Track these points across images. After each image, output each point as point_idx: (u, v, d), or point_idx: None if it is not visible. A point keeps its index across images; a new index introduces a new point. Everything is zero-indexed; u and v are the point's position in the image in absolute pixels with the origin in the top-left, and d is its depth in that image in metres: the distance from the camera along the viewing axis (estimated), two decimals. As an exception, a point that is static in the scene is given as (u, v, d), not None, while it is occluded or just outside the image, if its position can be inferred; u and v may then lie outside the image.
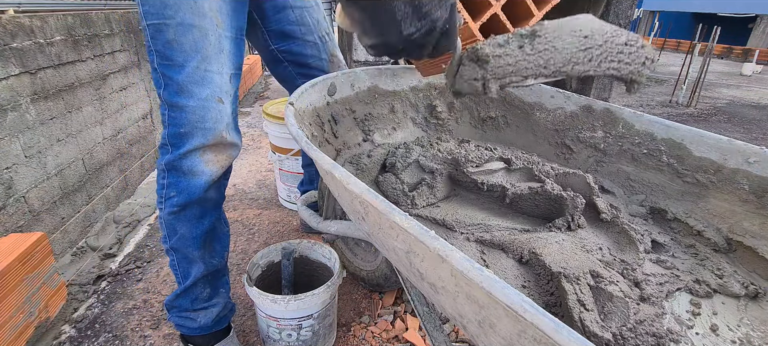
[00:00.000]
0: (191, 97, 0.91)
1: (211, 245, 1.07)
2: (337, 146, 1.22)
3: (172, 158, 0.95)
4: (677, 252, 0.97)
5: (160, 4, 0.87)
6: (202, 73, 0.91)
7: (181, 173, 0.96)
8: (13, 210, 1.40)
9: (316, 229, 1.22)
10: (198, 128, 0.93)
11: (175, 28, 0.88)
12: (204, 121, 0.93)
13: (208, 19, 0.91)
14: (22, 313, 1.19)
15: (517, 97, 1.37)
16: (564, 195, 0.99)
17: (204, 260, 1.06)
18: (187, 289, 1.07)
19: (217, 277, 1.12)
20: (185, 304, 1.09)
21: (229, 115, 0.98)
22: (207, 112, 0.93)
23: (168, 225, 1.02)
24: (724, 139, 0.97)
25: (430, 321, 0.96)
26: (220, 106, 0.95)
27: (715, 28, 4.95)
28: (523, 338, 0.45)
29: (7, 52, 1.39)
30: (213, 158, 0.97)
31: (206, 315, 1.10)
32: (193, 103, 0.91)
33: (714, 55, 9.28)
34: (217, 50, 0.93)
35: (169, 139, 0.95)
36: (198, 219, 1.01)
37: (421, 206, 1.09)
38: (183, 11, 0.87)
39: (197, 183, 0.96)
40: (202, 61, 0.91)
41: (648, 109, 5.02)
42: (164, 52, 0.90)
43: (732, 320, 0.80)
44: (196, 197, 0.98)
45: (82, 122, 1.81)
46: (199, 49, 0.90)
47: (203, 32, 0.90)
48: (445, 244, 0.52)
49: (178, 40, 0.89)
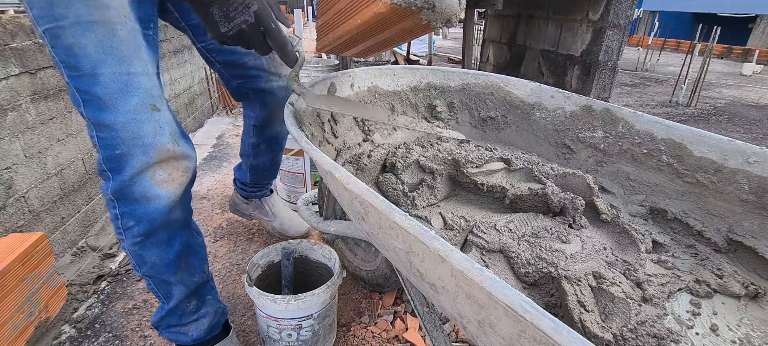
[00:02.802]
0: (117, 111, 0.76)
1: (188, 264, 0.96)
2: (337, 146, 1.22)
3: (117, 186, 0.81)
4: (677, 252, 0.97)
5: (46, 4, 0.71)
6: (124, 78, 0.76)
7: (133, 201, 0.82)
8: (13, 210, 1.41)
9: (316, 228, 1.22)
10: (135, 146, 0.78)
11: (71, 29, 0.71)
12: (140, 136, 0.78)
13: (112, 11, 0.74)
14: (22, 313, 1.19)
15: (517, 97, 1.37)
16: (563, 197, 0.99)
17: (183, 282, 0.96)
18: (171, 311, 1.00)
19: (203, 286, 1.05)
20: (173, 321, 1.02)
21: (171, 122, 0.83)
22: (141, 126, 0.77)
23: (135, 256, 0.90)
24: (724, 139, 0.97)
25: (430, 321, 0.96)
26: (157, 115, 0.80)
27: (715, 28, 4.95)
28: (523, 338, 0.45)
29: (7, 52, 1.39)
30: (166, 177, 0.82)
31: (198, 327, 1.04)
32: (122, 117, 0.76)
33: (714, 55, 9.29)
34: (133, 47, 0.78)
35: (105, 163, 0.80)
36: (167, 244, 0.89)
37: (421, 207, 1.09)
38: (76, 6, 0.71)
39: (156, 208, 0.83)
40: (119, 64, 0.75)
41: (648, 109, 5.02)
42: (68, 62, 0.74)
43: (732, 320, 0.80)
44: (159, 222, 0.85)
45: (82, 122, 1.81)
46: (108, 49, 0.74)
47: (109, 28, 0.74)
48: (445, 244, 0.52)
49: (79, 44, 0.72)
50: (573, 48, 2.55)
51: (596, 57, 2.39)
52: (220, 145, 3.03)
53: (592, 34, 2.41)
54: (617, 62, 2.43)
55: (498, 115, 1.40)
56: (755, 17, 11.50)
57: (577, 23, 2.50)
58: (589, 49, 2.44)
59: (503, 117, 1.40)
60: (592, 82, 2.45)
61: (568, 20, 2.57)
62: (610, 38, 2.35)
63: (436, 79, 1.43)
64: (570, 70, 2.60)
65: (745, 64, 8.55)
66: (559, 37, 2.66)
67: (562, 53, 2.65)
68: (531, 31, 2.91)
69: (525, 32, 2.98)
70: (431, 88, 1.43)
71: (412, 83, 1.41)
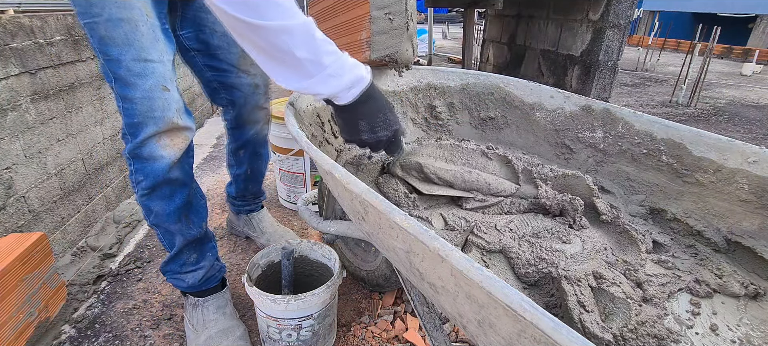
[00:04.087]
0: (136, 89, 0.96)
1: (187, 218, 1.16)
2: (338, 146, 1.22)
3: (132, 147, 1.02)
4: (677, 252, 0.97)
5: (86, 3, 0.91)
6: (142, 65, 0.95)
7: (143, 160, 1.03)
8: (13, 210, 1.41)
9: (316, 228, 1.22)
10: (149, 117, 0.99)
11: (104, 24, 0.91)
12: (153, 110, 0.98)
13: (136, 11, 0.94)
14: (22, 313, 1.19)
15: (516, 97, 1.37)
16: (561, 199, 0.99)
17: (182, 233, 1.16)
18: (174, 256, 1.20)
19: (202, 243, 1.23)
20: (175, 268, 1.22)
21: (178, 101, 1.03)
22: (154, 102, 0.98)
23: (144, 206, 1.11)
24: (724, 139, 0.97)
25: (430, 321, 0.96)
26: (167, 95, 1.00)
27: (715, 28, 4.95)
28: (522, 338, 0.45)
29: (7, 52, 1.39)
30: (169, 142, 1.03)
31: (194, 276, 1.23)
32: (140, 94, 0.97)
33: (714, 55, 9.29)
34: (152, 40, 0.97)
35: (127, 129, 1.02)
36: (169, 198, 1.09)
37: (422, 208, 1.09)
38: (109, 7, 0.91)
39: (159, 166, 1.03)
40: (139, 52, 0.95)
41: (648, 109, 5.02)
42: (101, 49, 0.94)
43: (732, 320, 0.80)
44: (161, 179, 1.05)
45: (82, 122, 1.81)
46: (132, 41, 0.94)
47: (133, 25, 0.94)
48: (444, 243, 0.52)
49: (110, 36, 0.92)
50: (573, 48, 2.55)
51: (596, 57, 2.39)
52: (219, 146, 3.03)
53: (592, 34, 2.41)
54: (617, 62, 2.43)
55: (498, 115, 1.40)
56: (755, 17, 11.50)
57: (577, 23, 2.50)
58: (589, 49, 2.44)
59: (503, 117, 1.40)
60: (592, 82, 2.45)
61: (568, 20, 2.57)
62: (610, 38, 2.35)
63: (436, 79, 1.43)
64: (570, 70, 2.60)
65: (745, 64, 8.54)
66: (559, 37, 2.66)
67: (562, 53, 2.65)
68: (531, 31, 2.91)
69: (525, 32, 2.98)
70: (431, 89, 1.43)
71: (412, 83, 1.41)
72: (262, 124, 1.47)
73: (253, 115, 1.42)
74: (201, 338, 1.22)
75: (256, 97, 1.39)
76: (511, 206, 1.05)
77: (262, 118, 1.46)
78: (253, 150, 1.52)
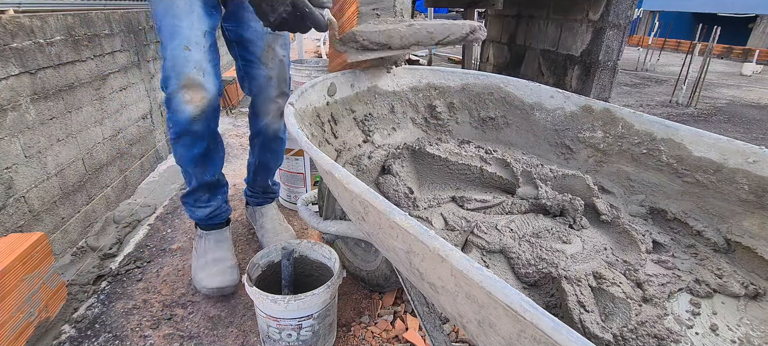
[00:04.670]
0: (166, 48, 1.16)
1: (204, 165, 1.35)
2: (338, 147, 1.22)
3: (165, 99, 1.21)
4: (677, 252, 0.97)
5: None
6: (172, 28, 1.16)
7: (172, 110, 1.21)
8: (13, 210, 1.41)
9: (316, 228, 1.23)
10: (173, 73, 1.16)
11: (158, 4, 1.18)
12: (175, 66, 1.15)
13: None
14: (22, 313, 1.19)
15: (516, 97, 1.37)
16: (561, 199, 0.99)
17: (197, 176, 1.37)
18: (190, 192, 1.43)
19: (215, 187, 1.45)
20: (190, 201, 1.46)
21: (197, 60, 1.17)
22: (176, 59, 1.15)
23: (173, 148, 1.31)
24: (724, 139, 0.97)
25: (430, 321, 0.96)
26: (187, 53, 1.16)
27: (715, 28, 4.95)
28: (522, 338, 0.45)
29: (7, 52, 1.39)
30: (189, 97, 1.18)
31: (203, 211, 1.46)
32: (168, 52, 1.16)
33: (714, 55, 9.28)
34: (187, 11, 1.17)
35: (161, 83, 1.21)
36: (190, 146, 1.27)
37: (422, 208, 1.09)
38: None
39: (183, 118, 1.20)
40: (173, 19, 1.16)
41: (648, 109, 5.02)
42: (155, 20, 1.21)
43: (732, 320, 0.80)
44: (184, 129, 1.22)
45: (82, 122, 1.81)
46: (169, 11, 1.16)
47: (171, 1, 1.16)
48: (444, 243, 0.52)
49: (158, 8, 1.18)
50: (573, 48, 2.55)
51: (596, 57, 2.39)
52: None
53: (592, 34, 2.41)
54: (617, 62, 2.43)
55: (498, 115, 1.40)
56: (755, 17, 11.50)
57: (577, 23, 2.50)
58: (589, 49, 2.44)
59: (503, 117, 1.40)
60: (592, 82, 2.45)
61: (568, 20, 2.57)
62: (610, 38, 2.35)
63: (436, 79, 1.43)
64: (570, 70, 2.60)
65: (745, 64, 8.55)
66: (559, 37, 2.66)
67: (562, 53, 2.65)
68: (531, 31, 2.91)
69: (525, 32, 2.98)
70: (431, 89, 1.43)
71: (412, 83, 1.41)
72: (271, 117, 1.53)
73: (265, 106, 1.52)
74: (199, 261, 1.48)
75: (269, 89, 1.48)
76: (512, 207, 1.04)
77: (272, 111, 1.52)
78: (262, 142, 1.60)
